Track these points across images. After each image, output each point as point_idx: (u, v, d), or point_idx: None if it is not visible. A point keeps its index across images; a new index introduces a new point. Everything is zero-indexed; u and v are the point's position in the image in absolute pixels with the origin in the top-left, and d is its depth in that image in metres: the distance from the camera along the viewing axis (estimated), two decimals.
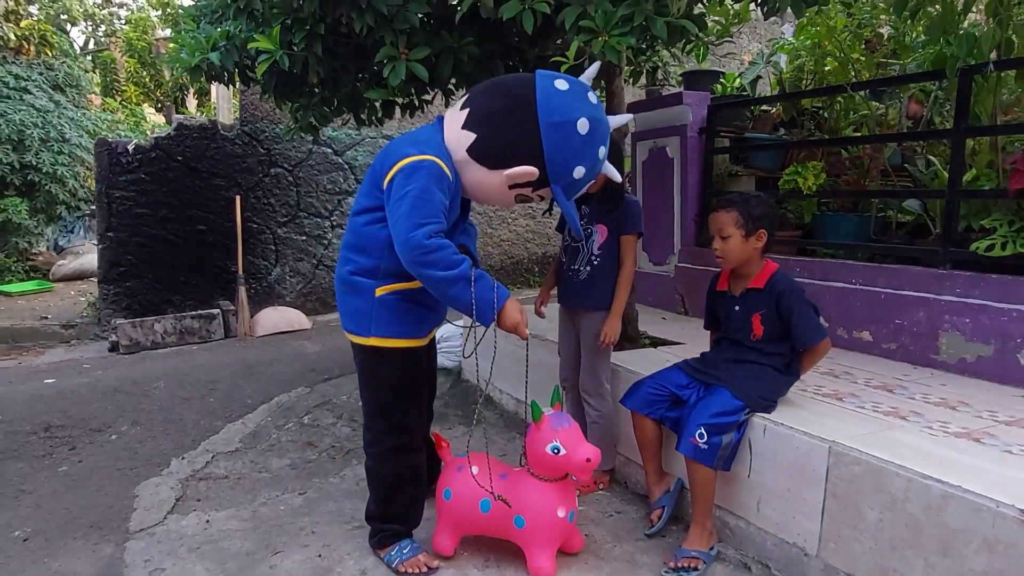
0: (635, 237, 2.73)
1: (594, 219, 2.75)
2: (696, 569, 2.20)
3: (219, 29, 2.62)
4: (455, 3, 2.29)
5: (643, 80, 4.13)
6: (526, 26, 2.27)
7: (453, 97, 3.34)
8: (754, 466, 2.25)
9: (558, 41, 2.84)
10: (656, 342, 3.43)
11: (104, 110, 11.36)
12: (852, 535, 1.94)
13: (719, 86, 4.30)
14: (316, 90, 2.82)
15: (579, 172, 2.04)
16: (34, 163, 7.86)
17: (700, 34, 2.96)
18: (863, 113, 3.88)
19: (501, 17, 2.27)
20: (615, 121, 2.12)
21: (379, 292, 2.16)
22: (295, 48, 2.43)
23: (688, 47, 3.40)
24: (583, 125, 1.97)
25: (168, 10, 13.69)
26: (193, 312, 5.68)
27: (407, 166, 1.97)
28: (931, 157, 3.41)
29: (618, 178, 2.24)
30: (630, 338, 3.43)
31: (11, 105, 7.89)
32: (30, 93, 8.25)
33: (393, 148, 2.10)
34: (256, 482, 3.04)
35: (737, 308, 2.43)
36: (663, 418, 2.46)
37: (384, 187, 2.05)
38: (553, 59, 2.28)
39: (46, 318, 6.26)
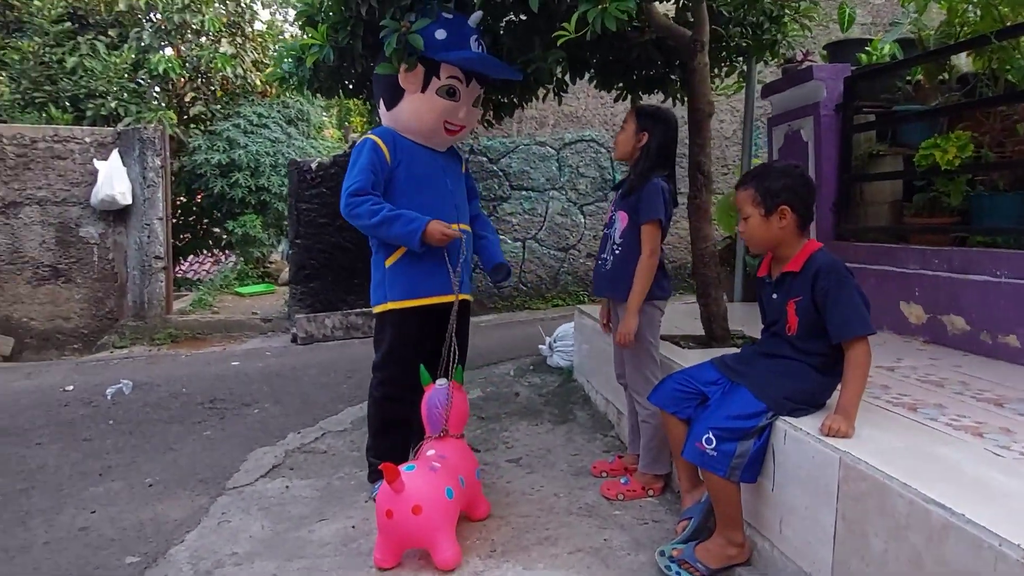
0: (654, 225, 2.45)
1: (618, 205, 2.56)
2: (688, 572, 1.96)
3: (298, 43, 2.97)
4: None
5: (768, 57, 3.70)
6: (532, 5, 2.23)
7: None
8: (777, 479, 1.93)
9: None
10: (750, 340, 3.07)
11: (336, 140, 13.13)
12: (860, 568, 1.58)
13: (863, 55, 3.73)
14: None
15: (440, 34, 2.48)
16: (266, 185, 9.36)
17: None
18: None
19: None
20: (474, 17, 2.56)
21: (388, 262, 2.57)
22: (340, 43, 2.70)
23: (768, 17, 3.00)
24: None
25: None
26: (358, 310, 6.31)
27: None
28: None
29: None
30: (717, 337, 3.11)
31: (252, 139, 9.50)
32: (268, 128, 9.84)
33: None
34: (345, 458, 3.30)
35: (774, 296, 2.11)
36: (691, 418, 2.21)
37: None
38: (555, 34, 2.20)
39: (255, 314, 7.42)
